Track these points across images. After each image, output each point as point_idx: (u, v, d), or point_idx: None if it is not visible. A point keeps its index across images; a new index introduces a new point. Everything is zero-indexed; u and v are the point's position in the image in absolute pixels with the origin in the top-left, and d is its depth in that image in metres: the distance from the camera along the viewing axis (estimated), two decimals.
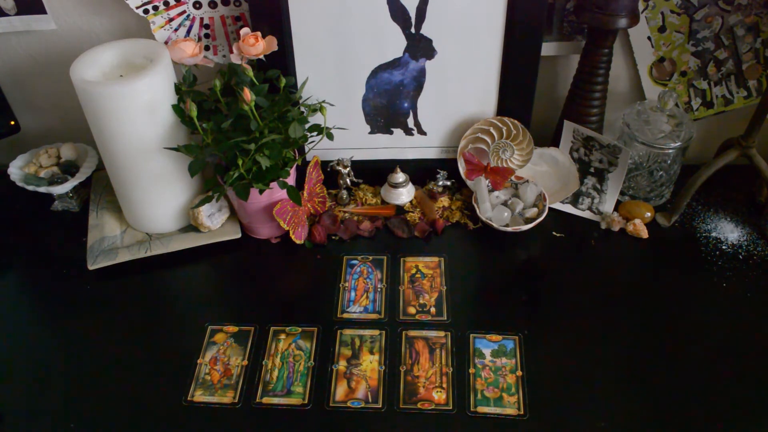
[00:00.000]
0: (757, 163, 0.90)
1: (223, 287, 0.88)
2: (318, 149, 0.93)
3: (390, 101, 0.95)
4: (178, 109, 0.83)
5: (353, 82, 0.93)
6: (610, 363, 0.75)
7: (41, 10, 0.92)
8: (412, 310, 0.82)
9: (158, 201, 0.90)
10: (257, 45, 0.83)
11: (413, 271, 0.88)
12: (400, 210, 0.97)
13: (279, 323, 0.81)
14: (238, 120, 0.82)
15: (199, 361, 0.77)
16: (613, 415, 0.70)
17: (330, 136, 0.87)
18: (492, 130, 0.94)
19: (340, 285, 0.86)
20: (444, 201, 0.97)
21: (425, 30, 0.88)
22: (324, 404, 0.72)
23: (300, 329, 0.80)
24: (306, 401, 0.72)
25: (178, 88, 0.84)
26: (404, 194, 0.96)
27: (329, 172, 0.97)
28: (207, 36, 0.94)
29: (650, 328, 0.79)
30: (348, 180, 0.97)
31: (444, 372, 0.75)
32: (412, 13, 0.87)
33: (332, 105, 0.91)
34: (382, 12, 0.87)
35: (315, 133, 0.87)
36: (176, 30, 0.92)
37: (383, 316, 0.82)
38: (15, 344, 0.81)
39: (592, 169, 0.94)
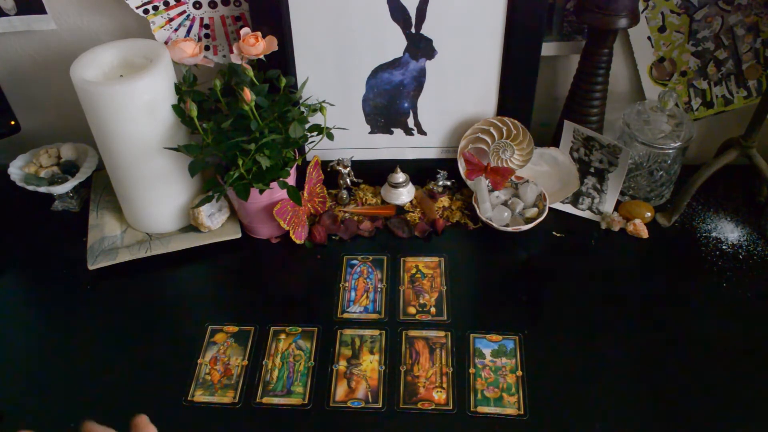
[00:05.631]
0: (757, 163, 0.90)
1: (223, 287, 0.88)
2: (318, 149, 0.93)
3: (390, 101, 0.95)
4: (178, 109, 0.83)
5: (353, 82, 0.93)
6: (610, 363, 0.75)
7: (41, 10, 0.92)
8: (412, 310, 0.82)
9: (158, 201, 0.90)
10: (257, 45, 0.83)
11: (413, 271, 0.88)
12: (400, 210, 0.97)
13: (279, 323, 0.81)
14: (238, 120, 0.82)
15: (199, 361, 0.77)
16: (613, 415, 0.70)
17: (330, 136, 0.87)
18: (492, 130, 0.94)
19: (340, 285, 0.86)
20: (444, 201, 0.97)
21: (425, 30, 0.88)
22: (324, 404, 0.72)
23: (300, 329, 0.80)
24: (306, 401, 0.72)
25: (178, 88, 0.84)
26: (404, 194, 0.96)
27: (329, 172, 0.97)
28: (207, 36, 0.94)
29: (650, 328, 0.79)
30: (348, 180, 0.97)
31: (444, 372, 0.75)
32: (413, 13, 0.87)
33: (332, 105, 0.91)
34: (382, 12, 0.87)
35: (315, 133, 0.87)
36: (176, 30, 0.92)
37: (383, 316, 0.82)
38: (15, 344, 0.81)
39: (592, 169, 0.94)
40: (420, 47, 0.90)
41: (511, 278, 0.87)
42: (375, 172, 0.98)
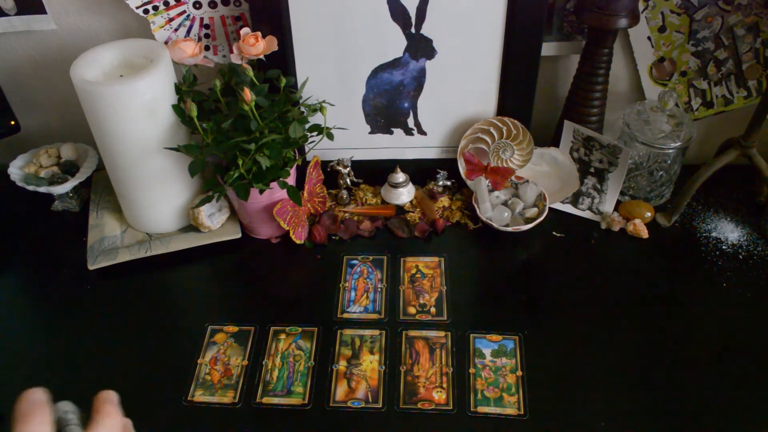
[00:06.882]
0: (757, 163, 0.90)
1: (223, 287, 0.88)
2: (318, 149, 0.93)
3: (390, 101, 0.95)
4: (178, 109, 0.83)
5: (353, 82, 0.93)
6: (610, 363, 0.75)
7: (41, 10, 0.92)
8: (412, 310, 0.82)
9: (158, 201, 0.90)
10: (257, 45, 0.83)
11: (413, 271, 0.88)
12: (400, 210, 0.97)
13: (279, 323, 0.81)
14: (238, 120, 0.82)
15: (199, 361, 0.77)
16: (613, 415, 0.70)
17: (330, 136, 0.87)
18: (492, 130, 0.94)
19: (340, 285, 0.86)
20: (444, 201, 0.97)
21: (425, 30, 0.88)
22: (324, 404, 0.72)
23: (300, 329, 0.80)
24: (306, 401, 0.72)
25: (178, 88, 0.84)
26: (404, 194, 0.96)
27: (329, 172, 0.97)
28: (207, 36, 0.94)
29: (650, 328, 0.79)
30: (348, 180, 0.97)
31: (444, 372, 0.75)
32: (413, 13, 0.87)
33: (332, 105, 0.91)
34: (383, 12, 0.87)
35: (315, 133, 0.87)
36: (176, 30, 0.92)
37: (383, 316, 0.82)
38: (15, 344, 0.81)
39: (592, 169, 0.94)
40: (420, 47, 0.90)
41: (511, 278, 0.87)
42: (375, 172, 0.98)
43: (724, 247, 0.89)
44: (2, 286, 0.90)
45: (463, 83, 0.93)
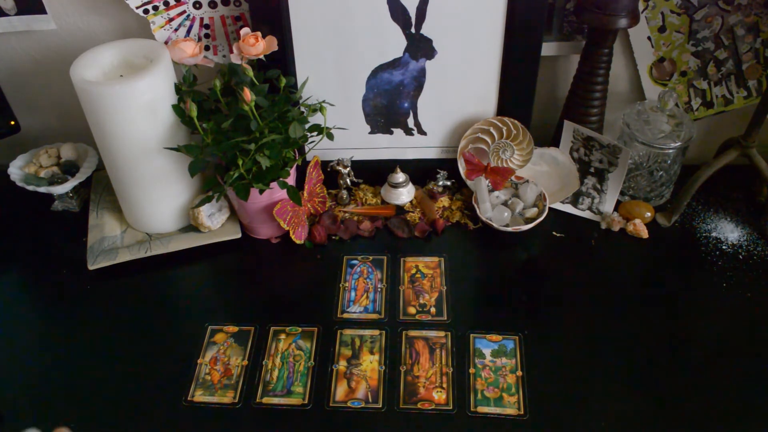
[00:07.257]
0: (757, 163, 0.90)
1: (223, 287, 0.88)
2: (318, 149, 0.93)
3: (390, 101, 0.95)
4: (178, 109, 0.83)
5: (353, 82, 0.93)
6: (610, 363, 0.75)
7: (41, 10, 0.92)
8: (412, 310, 0.82)
9: (158, 201, 0.90)
10: (257, 45, 0.83)
11: (413, 271, 0.88)
12: (400, 210, 0.97)
13: (279, 323, 0.81)
14: (238, 120, 0.82)
15: (199, 361, 0.77)
16: (613, 415, 0.70)
17: (330, 136, 0.87)
18: (492, 130, 0.94)
19: (340, 285, 0.86)
20: (444, 201, 0.97)
21: (425, 30, 0.88)
22: (324, 404, 0.72)
23: (300, 329, 0.80)
24: (306, 401, 0.72)
25: (178, 88, 0.84)
26: (404, 194, 0.96)
27: (329, 172, 0.97)
28: (207, 36, 0.94)
29: (650, 328, 0.79)
30: (348, 180, 0.97)
31: (444, 372, 0.75)
32: (413, 13, 0.87)
33: (332, 105, 0.91)
34: (383, 12, 0.87)
35: (315, 133, 0.87)
36: (176, 30, 0.92)
37: (383, 316, 0.82)
38: (15, 344, 0.81)
39: (592, 169, 0.94)
40: (420, 47, 0.90)
41: (511, 278, 0.87)
42: (375, 172, 0.98)
43: (724, 247, 0.89)
44: (2, 286, 0.90)
45: (463, 83, 0.93)
